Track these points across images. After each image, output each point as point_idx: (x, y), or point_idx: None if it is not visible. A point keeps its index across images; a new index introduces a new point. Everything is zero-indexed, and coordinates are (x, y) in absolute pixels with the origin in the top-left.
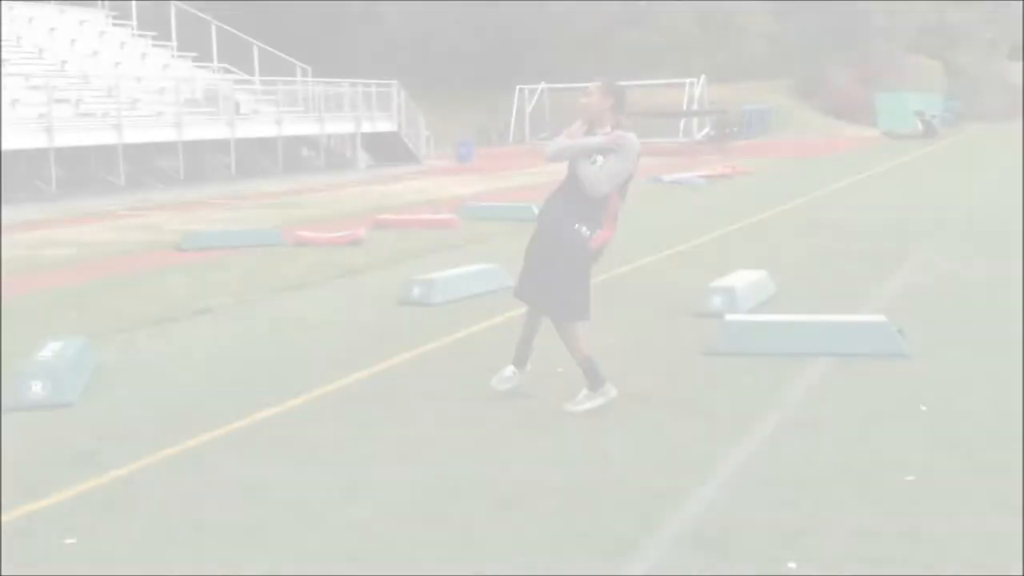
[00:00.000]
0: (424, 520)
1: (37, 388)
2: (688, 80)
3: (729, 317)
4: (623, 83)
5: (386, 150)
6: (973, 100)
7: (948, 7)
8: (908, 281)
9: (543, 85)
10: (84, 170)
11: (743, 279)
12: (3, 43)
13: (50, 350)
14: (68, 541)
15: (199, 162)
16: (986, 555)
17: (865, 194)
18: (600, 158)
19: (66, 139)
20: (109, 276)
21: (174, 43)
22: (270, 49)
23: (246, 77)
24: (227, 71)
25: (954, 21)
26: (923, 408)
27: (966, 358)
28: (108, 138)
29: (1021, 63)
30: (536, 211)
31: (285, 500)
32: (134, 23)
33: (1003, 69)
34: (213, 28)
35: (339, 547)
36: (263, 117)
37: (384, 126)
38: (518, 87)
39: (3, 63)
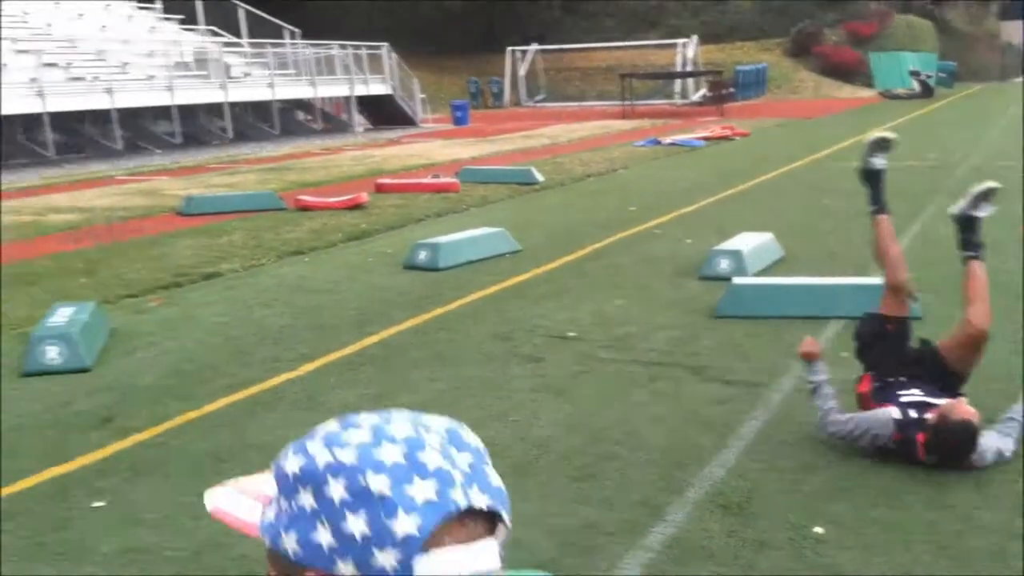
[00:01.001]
0: None
1: (53, 353)
2: (680, 41)
3: (736, 280)
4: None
5: (382, 113)
6: (967, 60)
7: None
8: (921, 239)
9: (534, 47)
10: (80, 135)
11: (749, 242)
12: None
13: (62, 315)
14: (96, 504)
15: (194, 126)
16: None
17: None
18: None
19: (59, 104)
20: (114, 241)
21: (159, 6)
22: (256, 12)
23: (234, 40)
24: (214, 34)
25: None
26: None
27: None
28: (100, 103)
29: (1014, 22)
30: (537, 175)
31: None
32: None
33: (994, 28)
34: None
35: None
36: (255, 80)
37: (378, 89)
38: (509, 49)
39: None
